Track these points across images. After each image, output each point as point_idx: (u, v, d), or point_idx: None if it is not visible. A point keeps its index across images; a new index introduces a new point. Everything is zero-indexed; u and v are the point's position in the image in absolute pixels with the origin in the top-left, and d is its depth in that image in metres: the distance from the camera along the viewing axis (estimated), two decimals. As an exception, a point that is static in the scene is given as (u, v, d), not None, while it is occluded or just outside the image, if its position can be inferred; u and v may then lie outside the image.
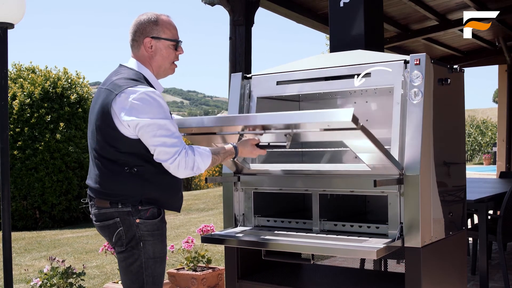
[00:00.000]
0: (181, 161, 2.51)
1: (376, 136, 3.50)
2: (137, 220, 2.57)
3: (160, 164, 2.55)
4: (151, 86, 2.65)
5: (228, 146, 2.74)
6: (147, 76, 2.69)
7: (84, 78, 12.85)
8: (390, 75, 2.85)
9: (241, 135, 2.85)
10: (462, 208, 3.19)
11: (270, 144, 2.80)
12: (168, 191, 2.67)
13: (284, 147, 2.71)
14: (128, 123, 2.50)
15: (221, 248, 6.76)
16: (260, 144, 2.80)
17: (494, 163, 24.57)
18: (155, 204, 2.62)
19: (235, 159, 2.84)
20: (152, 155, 2.55)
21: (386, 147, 2.99)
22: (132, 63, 2.72)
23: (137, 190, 2.57)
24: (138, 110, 2.49)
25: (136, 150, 2.55)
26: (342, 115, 2.32)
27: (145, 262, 2.60)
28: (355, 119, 2.30)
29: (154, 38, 2.68)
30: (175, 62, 2.78)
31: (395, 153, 2.74)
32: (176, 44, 2.73)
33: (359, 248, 2.64)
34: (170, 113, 2.64)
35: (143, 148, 2.55)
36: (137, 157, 2.56)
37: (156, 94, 2.54)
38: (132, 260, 2.60)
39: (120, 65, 2.76)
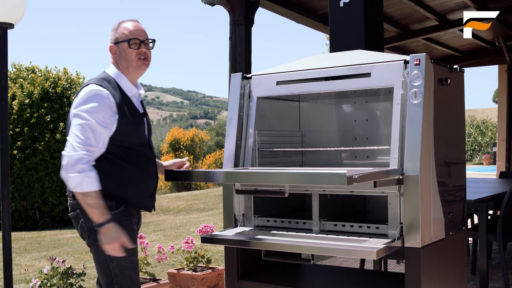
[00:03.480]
0: (69, 161, 2.55)
1: (376, 136, 3.52)
2: None
3: (118, 159, 2.67)
4: (119, 87, 2.75)
5: (105, 213, 2.56)
6: (116, 78, 2.79)
7: (84, 78, 12.86)
8: (390, 75, 2.84)
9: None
10: (462, 208, 3.19)
11: (269, 190, 2.89)
12: (128, 186, 2.70)
13: (283, 193, 2.76)
14: (71, 114, 2.67)
15: (221, 248, 6.76)
16: (258, 189, 2.93)
17: (494, 163, 24.57)
18: (115, 199, 2.66)
19: (96, 227, 2.58)
20: (108, 150, 2.65)
21: (386, 147, 3.00)
22: (110, 68, 2.85)
23: None
24: (80, 102, 2.65)
25: None
26: (337, 180, 2.36)
27: (108, 255, 2.65)
28: (350, 181, 2.33)
29: (115, 44, 2.81)
30: (144, 58, 2.82)
31: (395, 153, 2.74)
32: (129, 43, 2.79)
33: (359, 248, 2.64)
34: (134, 122, 2.73)
35: None
36: None
37: (103, 93, 2.66)
38: (99, 253, 2.67)
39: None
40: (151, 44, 2.86)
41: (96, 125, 2.60)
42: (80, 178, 2.52)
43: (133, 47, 2.78)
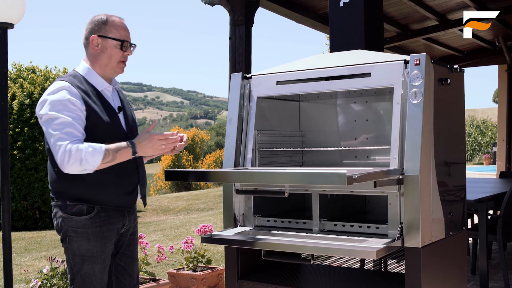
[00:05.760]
0: (65, 155, 2.50)
1: (375, 136, 3.52)
2: (63, 214, 2.64)
3: None
4: (88, 82, 2.70)
5: (127, 146, 2.62)
6: (84, 74, 2.73)
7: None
8: (390, 75, 2.84)
9: None
10: (462, 208, 3.19)
11: (269, 190, 2.86)
12: (98, 187, 2.64)
13: (283, 193, 2.74)
14: (38, 116, 2.62)
15: (221, 248, 6.76)
16: (258, 189, 2.91)
17: (494, 163, 24.57)
18: (86, 202, 2.63)
19: (135, 155, 2.65)
20: None
21: (386, 147, 2.99)
22: (80, 65, 2.79)
23: (64, 187, 2.64)
24: (44, 102, 2.60)
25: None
26: (337, 180, 2.35)
27: (72, 258, 2.67)
28: (350, 181, 2.32)
29: (101, 37, 2.73)
30: (124, 62, 2.79)
31: (395, 153, 2.74)
32: (121, 44, 2.75)
33: (359, 248, 2.63)
34: (100, 114, 2.65)
35: None
36: None
37: (64, 87, 2.60)
38: (66, 255, 2.70)
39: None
40: (132, 49, 2.84)
41: (67, 118, 2.54)
42: (84, 161, 2.49)
43: (125, 49, 2.76)
